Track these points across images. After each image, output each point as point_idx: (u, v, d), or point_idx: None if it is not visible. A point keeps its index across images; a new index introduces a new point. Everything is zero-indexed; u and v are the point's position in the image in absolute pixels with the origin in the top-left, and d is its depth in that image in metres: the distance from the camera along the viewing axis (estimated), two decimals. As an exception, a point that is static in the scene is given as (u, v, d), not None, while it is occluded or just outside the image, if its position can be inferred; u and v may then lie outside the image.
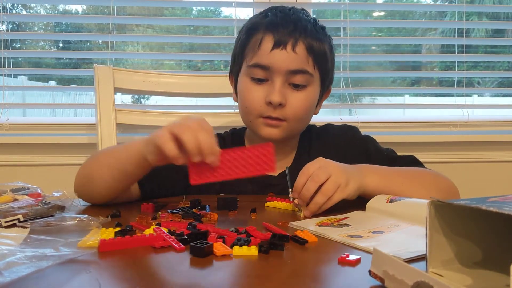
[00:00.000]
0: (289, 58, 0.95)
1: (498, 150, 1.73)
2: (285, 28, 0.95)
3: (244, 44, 1.00)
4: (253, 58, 0.97)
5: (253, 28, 0.99)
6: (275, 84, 0.95)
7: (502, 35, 2.13)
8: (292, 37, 0.95)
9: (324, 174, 0.80)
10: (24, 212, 0.71)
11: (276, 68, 0.95)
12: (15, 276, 0.46)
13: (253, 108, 0.98)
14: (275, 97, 0.94)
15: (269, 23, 0.97)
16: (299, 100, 0.98)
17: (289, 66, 0.95)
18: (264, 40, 0.96)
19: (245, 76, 0.99)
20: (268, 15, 1.00)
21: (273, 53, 0.95)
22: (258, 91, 0.97)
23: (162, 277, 0.50)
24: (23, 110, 1.83)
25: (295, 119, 0.99)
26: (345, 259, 0.53)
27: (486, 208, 0.42)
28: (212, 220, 0.74)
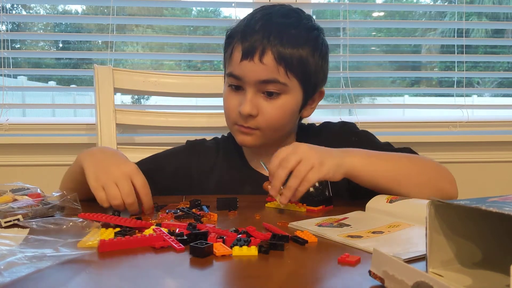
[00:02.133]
0: (257, 69, 0.92)
1: (498, 150, 1.73)
2: (253, 37, 0.93)
3: (224, 51, 1.01)
4: (228, 67, 0.98)
5: (230, 35, 0.99)
6: (246, 95, 0.95)
7: (501, 35, 2.13)
8: (259, 46, 0.92)
9: (294, 158, 0.79)
10: (24, 213, 0.71)
11: (245, 79, 0.94)
12: (14, 276, 0.46)
13: (229, 116, 0.99)
14: (244, 108, 0.93)
15: (241, 32, 0.95)
16: (272, 109, 0.95)
17: (259, 77, 0.93)
18: (235, 50, 0.95)
19: (226, 83, 1.01)
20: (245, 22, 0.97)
21: (242, 64, 0.94)
22: (234, 99, 0.97)
23: (162, 277, 0.50)
24: (23, 110, 1.83)
25: (269, 128, 0.97)
26: (345, 259, 0.53)
27: (486, 208, 0.42)
28: (212, 221, 0.74)
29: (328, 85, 1.79)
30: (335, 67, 1.73)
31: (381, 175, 0.84)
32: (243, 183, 1.02)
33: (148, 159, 1.06)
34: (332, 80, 1.78)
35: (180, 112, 1.44)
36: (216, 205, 0.84)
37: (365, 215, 0.79)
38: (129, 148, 1.31)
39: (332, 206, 0.86)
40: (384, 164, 0.87)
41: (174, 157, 1.07)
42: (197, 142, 1.11)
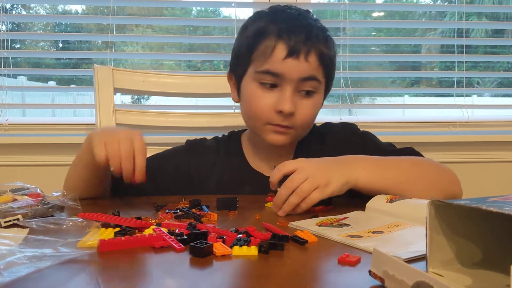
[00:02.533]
0: (302, 67, 0.94)
1: (498, 150, 1.73)
2: (298, 36, 0.94)
3: (252, 48, 0.97)
4: (264, 64, 0.95)
5: (262, 32, 0.96)
6: (286, 92, 0.94)
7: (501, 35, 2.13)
8: (305, 46, 0.94)
9: (299, 177, 0.79)
10: (24, 212, 0.70)
11: (288, 76, 0.94)
12: (14, 276, 0.46)
13: (262, 115, 0.96)
14: (286, 106, 0.93)
15: (281, 29, 0.95)
16: (308, 107, 0.97)
17: (301, 74, 0.94)
18: (277, 48, 0.94)
19: (253, 81, 0.97)
20: (276, 19, 0.97)
21: (286, 61, 0.93)
22: (268, 98, 0.95)
23: (162, 277, 0.49)
24: (23, 110, 1.83)
25: (302, 126, 0.99)
26: (345, 259, 0.53)
27: (486, 208, 0.42)
28: (212, 220, 0.74)
29: (328, 85, 1.79)
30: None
31: (386, 183, 0.85)
32: (243, 183, 1.02)
33: (149, 159, 1.06)
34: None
35: (180, 112, 1.44)
36: (216, 205, 0.84)
37: (365, 215, 0.79)
38: (129, 148, 1.31)
39: (332, 206, 0.86)
40: (389, 172, 0.87)
41: (174, 156, 1.07)
42: (197, 142, 1.11)
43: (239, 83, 1.02)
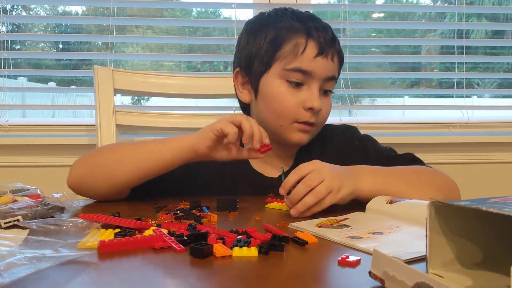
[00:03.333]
0: (328, 66, 0.97)
1: (498, 151, 1.73)
2: (325, 36, 0.97)
3: (279, 45, 0.97)
4: (294, 61, 0.95)
5: (290, 29, 0.97)
6: (314, 90, 0.96)
7: (501, 36, 2.13)
8: (332, 46, 0.97)
9: (317, 178, 0.79)
10: (24, 213, 0.70)
11: (316, 75, 0.96)
12: (14, 277, 0.46)
13: (290, 113, 0.96)
14: (317, 103, 0.95)
15: (310, 27, 0.96)
16: (328, 105, 1.01)
17: (328, 74, 0.97)
18: (309, 46, 0.95)
19: (279, 78, 0.97)
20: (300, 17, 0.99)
21: (316, 59, 0.95)
22: (296, 96, 0.96)
23: (162, 278, 0.49)
24: (23, 111, 1.83)
25: (321, 124, 1.02)
26: (345, 260, 0.53)
27: (486, 209, 0.42)
28: (212, 221, 0.74)
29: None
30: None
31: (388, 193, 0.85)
32: (244, 184, 1.02)
33: None
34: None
35: (180, 113, 1.44)
36: (216, 206, 0.84)
37: (365, 216, 0.79)
38: (129, 149, 1.31)
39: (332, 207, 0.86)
40: (391, 181, 0.88)
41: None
42: None
43: (257, 81, 1.00)
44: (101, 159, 0.93)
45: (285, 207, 0.85)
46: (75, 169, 0.92)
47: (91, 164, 0.92)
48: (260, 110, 1.01)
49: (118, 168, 0.89)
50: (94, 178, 0.89)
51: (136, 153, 0.90)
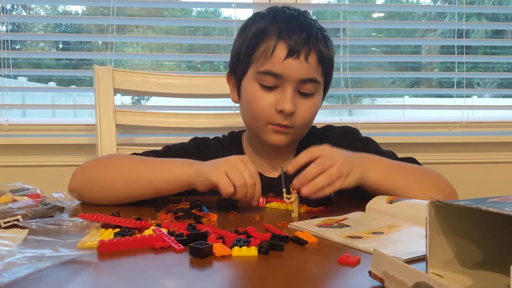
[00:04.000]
0: (302, 68, 0.95)
1: (498, 151, 1.73)
2: (298, 36, 0.94)
3: (253, 48, 0.97)
4: (264, 64, 0.95)
5: (263, 32, 0.97)
6: (286, 92, 0.95)
7: (501, 36, 2.13)
8: (305, 46, 0.94)
9: (329, 160, 0.80)
10: (24, 213, 0.70)
11: (288, 77, 0.94)
12: (14, 277, 0.46)
13: (263, 115, 0.97)
14: (287, 106, 0.94)
15: (282, 29, 0.95)
16: (307, 107, 0.98)
17: (301, 75, 0.95)
18: (277, 48, 0.94)
19: (254, 81, 0.98)
20: (276, 19, 0.98)
21: (286, 61, 0.94)
22: (268, 98, 0.96)
23: (162, 278, 0.49)
24: (23, 111, 1.83)
25: (302, 126, 1.00)
26: (345, 259, 0.53)
27: (486, 208, 0.42)
28: (211, 221, 0.74)
29: (328, 86, 1.79)
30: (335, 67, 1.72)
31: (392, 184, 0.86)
32: None
33: (162, 150, 1.05)
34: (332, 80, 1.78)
35: (180, 113, 1.44)
36: (216, 205, 0.84)
37: (365, 216, 0.79)
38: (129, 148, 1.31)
39: (332, 206, 0.86)
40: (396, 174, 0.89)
41: (185, 151, 1.06)
42: (203, 141, 1.10)
43: (239, 83, 1.03)
44: (98, 174, 0.91)
45: (284, 207, 0.85)
46: (75, 177, 0.92)
47: (89, 177, 0.91)
48: (242, 112, 1.05)
49: (113, 186, 0.88)
50: (92, 191, 0.89)
51: (132, 174, 0.89)
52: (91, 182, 0.90)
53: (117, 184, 0.88)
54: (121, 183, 0.88)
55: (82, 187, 0.89)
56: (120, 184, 0.87)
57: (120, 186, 0.87)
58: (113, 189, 0.88)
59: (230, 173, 0.80)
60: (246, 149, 1.09)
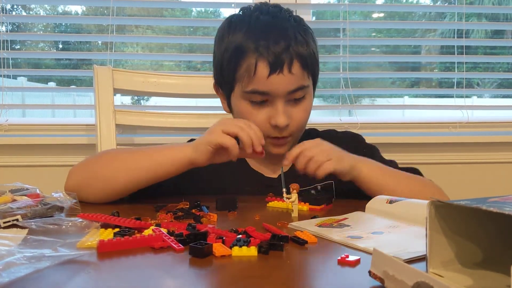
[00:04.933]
0: (287, 80, 0.92)
1: (498, 151, 1.73)
2: (277, 48, 0.91)
3: (235, 66, 0.94)
4: (249, 84, 0.93)
5: (241, 49, 0.93)
6: (278, 106, 0.93)
7: (501, 36, 2.13)
8: (287, 56, 0.91)
9: (315, 150, 0.86)
10: (23, 213, 0.70)
11: (275, 93, 0.93)
12: (13, 276, 0.46)
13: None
14: (281, 120, 0.93)
15: (259, 45, 0.91)
16: (300, 112, 0.97)
17: (288, 88, 0.93)
18: (259, 66, 0.91)
19: (242, 99, 0.96)
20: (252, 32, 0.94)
21: (270, 78, 0.91)
22: (260, 114, 0.95)
23: (161, 277, 0.49)
24: (23, 111, 1.83)
25: (298, 131, 1.00)
26: (345, 259, 0.53)
27: (486, 208, 0.42)
28: (211, 221, 0.74)
29: (328, 86, 1.79)
30: (335, 67, 1.73)
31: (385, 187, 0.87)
32: (243, 183, 1.02)
33: None
34: (332, 81, 1.78)
35: (180, 113, 1.44)
36: (215, 205, 0.84)
37: (365, 216, 0.79)
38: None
39: (332, 204, 0.87)
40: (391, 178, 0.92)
41: None
42: None
43: (228, 99, 1.01)
44: (97, 168, 0.92)
45: (285, 206, 0.85)
46: (72, 176, 0.93)
47: (87, 173, 0.92)
48: None
49: (114, 178, 0.88)
50: (91, 187, 0.89)
51: (132, 164, 0.90)
52: (89, 178, 0.90)
53: (115, 175, 0.88)
54: (120, 173, 0.89)
55: (80, 185, 0.89)
56: (118, 175, 0.88)
57: (119, 177, 0.88)
58: (112, 181, 0.88)
59: (226, 128, 0.83)
60: (244, 149, 1.09)
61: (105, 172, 0.90)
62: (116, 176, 0.88)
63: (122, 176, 0.88)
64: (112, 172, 0.90)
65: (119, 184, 0.88)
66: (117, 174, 0.89)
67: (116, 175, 0.89)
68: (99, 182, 0.89)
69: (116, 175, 0.89)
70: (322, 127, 1.19)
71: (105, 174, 0.90)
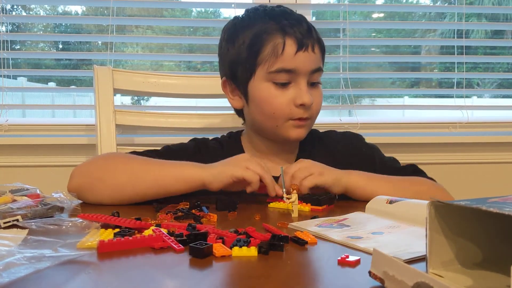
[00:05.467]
0: (311, 59, 0.97)
1: (498, 151, 1.73)
2: (301, 29, 0.96)
3: (258, 50, 0.97)
4: (276, 63, 0.96)
5: (265, 32, 0.96)
6: (302, 86, 0.97)
7: (501, 36, 2.13)
8: (310, 37, 0.97)
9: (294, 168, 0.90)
10: (23, 213, 0.70)
11: (301, 70, 0.96)
12: (13, 277, 0.46)
13: (283, 113, 0.98)
14: (307, 98, 0.96)
15: (284, 25, 0.96)
16: (318, 96, 1.01)
17: (312, 66, 0.97)
18: (287, 44, 0.95)
19: (265, 82, 0.98)
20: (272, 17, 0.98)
21: (297, 55, 0.95)
22: (285, 95, 0.97)
23: (162, 278, 0.49)
24: (23, 111, 1.83)
25: (317, 114, 1.03)
26: (345, 260, 0.53)
27: (486, 208, 0.42)
28: (211, 221, 0.74)
29: (328, 86, 1.79)
30: (335, 68, 1.73)
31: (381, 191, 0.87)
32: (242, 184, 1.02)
33: (162, 150, 1.05)
34: (332, 81, 1.78)
35: (180, 113, 1.43)
36: (215, 205, 0.84)
37: (365, 216, 0.79)
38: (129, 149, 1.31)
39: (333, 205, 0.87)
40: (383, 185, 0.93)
41: (184, 152, 1.06)
42: (203, 142, 1.10)
43: (245, 87, 1.01)
44: (105, 174, 0.89)
45: (286, 206, 0.86)
46: (76, 177, 0.90)
47: (92, 177, 0.90)
48: (254, 114, 1.03)
49: (121, 187, 0.88)
50: (96, 190, 0.88)
51: (142, 176, 0.88)
52: (93, 182, 0.89)
53: (123, 183, 0.88)
54: (127, 182, 0.88)
55: (83, 187, 0.89)
56: (126, 184, 0.88)
57: (126, 186, 0.87)
58: (118, 189, 0.87)
59: (250, 166, 0.86)
60: (247, 149, 1.09)
61: (110, 179, 0.88)
62: (121, 184, 0.87)
63: (128, 185, 0.87)
64: (120, 180, 0.88)
65: (124, 193, 0.88)
66: (125, 185, 0.87)
67: (121, 183, 0.87)
68: (106, 189, 0.88)
69: (125, 185, 0.87)
70: (322, 127, 1.19)
71: (113, 182, 0.88)
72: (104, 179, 0.88)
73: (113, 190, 0.88)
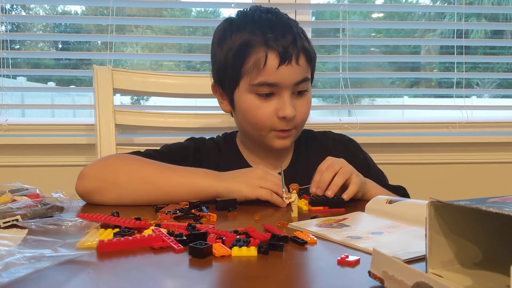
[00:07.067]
0: (295, 72, 0.96)
1: (497, 151, 1.73)
2: (285, 41, 0.95)
3: (242, 61, 0.97)
4: (258, 77, 0.95)
5: (249, 44, 0.96)
6: (284, 98, 0.96)
7: (501, 36, 2.13)
8: (294, 49, 0.96)
9: (338, 164, 0.88)
10: (23, 213, 0.70)
11: (283, 84, 0.96)
12: (13, 277, 0.46)
13: (265, 124, 0.98)
14: (289, 111, 0.96)
15: (268, 38, 0.95)
16: (304, 105, 1.00)
17: (295, 79, 0.97)
18: (269, 58, 0.94)
19: (249, 93, 0.98)
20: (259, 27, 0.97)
21: (280, 69, 0.95)
22: (267, 107, 0.97)
23: (161, 278, 0.49)
24: (22, 111, 1.83)
25: (302, 124, 1.03)
26: (345, 260, 0.53)
27: (486, 208, 0.42)
28: (211, 221, 0.74)
29: (328, 86, 1.79)
30: (334, 67, 1.73)
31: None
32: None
33: (162, 149, 1.05)
34: (332, 81, 1.78)
35: (179, 113, 1.43)
36: (215, 205, 0.84)
37: (365, 216, 0.79)
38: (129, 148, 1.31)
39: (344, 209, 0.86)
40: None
41: (185, 151, 1.06)
42: (200, 142, 1.10)
43: (231, 95, 1.02)
44: (116, 178, 0.89)
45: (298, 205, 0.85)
46: (86, 178, 0.89)
47: (104, 180, 0.89)
48: (240, 122, 1.05)
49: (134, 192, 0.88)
50: (107, 194, 0.88)
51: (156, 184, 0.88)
52: (106, 186, 0.88)
53: (136, 189, 0.88)
54: (142, 188, 0.88)
55: (94, 190, 0.88)
56: (140, 190, 0.88)
57: (140, 191, 0.88)
58: (131, 194, 0.88)
59: (264, 184, 0.87)
60: (242, 150, 1.09)
61: (124, 183, 0.88)
62: (135, 189, 0.88)
63: (141, 191, 0.88)
64: (131, 185, 0.88)
65: (137, 198, 0.88)
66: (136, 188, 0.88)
67: (135, 188, 0.88)
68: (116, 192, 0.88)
69: (136, 189, 0.88)
70: (321, 127, 1.19)
71: (124, 185, 0.88)
72: (117, 183, 0.88)
73: (126, 195, 0.88)
